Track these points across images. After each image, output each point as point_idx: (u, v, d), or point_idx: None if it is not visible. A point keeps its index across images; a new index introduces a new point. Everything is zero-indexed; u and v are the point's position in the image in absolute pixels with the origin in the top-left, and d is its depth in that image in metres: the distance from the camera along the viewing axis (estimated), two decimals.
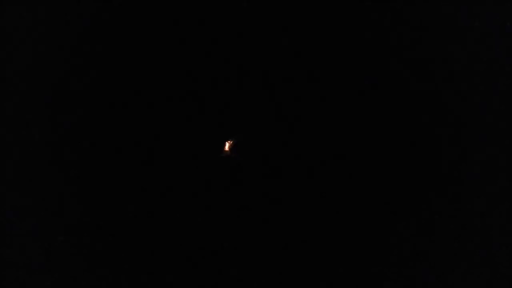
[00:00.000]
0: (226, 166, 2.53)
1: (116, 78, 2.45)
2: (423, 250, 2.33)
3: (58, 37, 2.39)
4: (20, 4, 2.35)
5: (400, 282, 2.33)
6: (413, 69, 2.40)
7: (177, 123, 2.50)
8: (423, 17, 2.38)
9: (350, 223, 2.41)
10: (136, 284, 2.36)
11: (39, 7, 2.36)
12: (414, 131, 2.39)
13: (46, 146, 2.37)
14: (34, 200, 2.34)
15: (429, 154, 2.37)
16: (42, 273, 2.31)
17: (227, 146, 2.54)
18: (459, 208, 2.32)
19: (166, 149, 2.48)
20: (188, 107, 2.51)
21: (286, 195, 2.47)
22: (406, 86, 2.40)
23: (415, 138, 2.39)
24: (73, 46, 2.40)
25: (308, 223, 2.43)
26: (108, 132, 2.43)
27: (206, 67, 2.49)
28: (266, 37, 2.47)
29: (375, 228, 2.38)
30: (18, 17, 2.35)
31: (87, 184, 2.40)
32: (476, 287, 2.27)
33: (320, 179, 2.46)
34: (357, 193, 2.42)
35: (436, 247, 2.32)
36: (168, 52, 2.47)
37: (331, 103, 2.47)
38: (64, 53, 2.40)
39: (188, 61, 2.49)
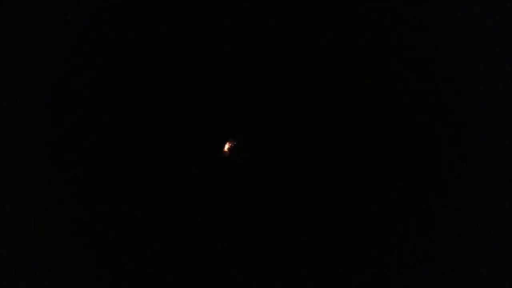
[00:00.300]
0: (225, 167, 2.53)
1: (116, 78, 2.45)
2: (423, 250, 2.33)
3: (58, 37, 2.39)
4: (20, 4, 2.35)
5: (400, 282, 2.33)
6: (413, 69, 2.40)
7: (177, 123, 2.50)
8: (423, 17, 2.38)
9: (350, 223, 2.41)
10: (136, 284, 2.36)
11: (39, 7, 2.36)
12: (415, 131, 2.39)
13: (46, 146, 2.37)
14: (34, 200, 2.34)
15: (429, 154, 2.37)
16: (42, 273, 2.31)
17: (226, 147, 2.54)
18: (459, 208, 2.32)
19: (166, 149, 2.48)
20: (187, 107, 2.51)
21: (285, 195, 2.47)
22: (406, 86, 2.40)
23: (415, 138, 2.39)
24: (73, 46, 2.40)
25: (308, 223, 2.43)
26: (108, 132, 2.43)
27: (206, 67, 2.49)
28: (266, 37, 2.47)
29: (375, 228, 2.38)
30: (18, 17, 2.35)
31: (87, 184, 2.40)
32: (476, 287, 2.28)
33: (320, 179, 2.46)
34: (357, 193, 2.42)
35: (436, 247, 2.32)
36: (168, 52, 2.47)
37: (331, 103, 2.47)
38: (64, 53, 2.40)
39: (188, 61, 2.49)
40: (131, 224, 2.40)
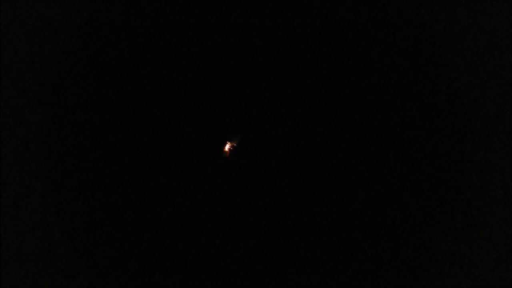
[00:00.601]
0: (225, 167, 2.54)
1: (116, 78, 2.45)
2: (424, 250, 2.33)
3: (58, 37, 2.40)
4: (20, 4, 2.36)
5: (400, 282, 2.33)
6: (413, 69, 2.40)
7: (178, 123, 2.50)
8: (423, 17, 2.39)
9: (350, 223, 2.41)
10: (136, 284, 2.36)
11: (39, 7, 2.37)
12: (415, 130, 2.39)
13: (46, 146, 2.38)
14: (34, 200, 2.34)
15: (429, 153, 2.37)
16: (42, 272, 2.31)
17: (226, 147, 2.54)
18: (459, 208, 2.32)
19: (166, 149, 2.48)
20: (188, 107, 2.51)
21: (285, 195, 2.47)
22: (407, 86, 2.41)
23: (416, 137, 2.39)
24: (73, 46, 2.41)
25: (308, 223, 2.43)
26: (108, 132, 2.44)
27: (206, 68, 2.50)
28: (266, 38, 2.48)
29: (375, 228, 2.38)
30: (18, 17, 2.36)
31: (87, 184, 2.40)
32: (476, 286, 2.27)
33: (319, 178, 2.46)
34: (357, 193, 2.42)
35: (437, 248, 2.32)
36: (168, 52, 2.48)
37: (330, 103, 2.48)
38: (64, 53, 2.41)
39: (188, 61, 2.49)
40: (131, 224, 2.40)
